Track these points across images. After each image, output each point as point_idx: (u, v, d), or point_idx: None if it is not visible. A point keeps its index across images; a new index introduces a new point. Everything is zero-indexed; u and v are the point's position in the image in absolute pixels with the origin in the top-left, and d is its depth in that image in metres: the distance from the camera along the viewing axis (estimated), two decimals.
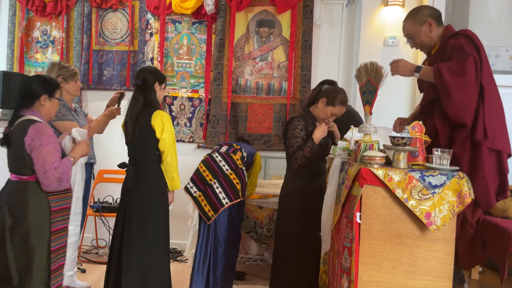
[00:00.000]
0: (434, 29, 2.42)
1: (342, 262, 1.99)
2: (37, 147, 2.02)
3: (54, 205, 2.12)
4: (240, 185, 2.88)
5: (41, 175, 2.03)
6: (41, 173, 2.03)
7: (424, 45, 2.49)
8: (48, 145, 2.03)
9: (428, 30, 2.43)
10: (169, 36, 4.19)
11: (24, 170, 2.06)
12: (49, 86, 2.17)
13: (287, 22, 4.01)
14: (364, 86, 2.16)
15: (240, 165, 2.94)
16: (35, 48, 4.37)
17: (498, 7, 3.63)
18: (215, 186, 2.88)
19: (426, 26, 2.42)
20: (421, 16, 2.43)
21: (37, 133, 2.03)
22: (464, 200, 1.85)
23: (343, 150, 2.33)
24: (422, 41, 2.47)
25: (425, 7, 2.52)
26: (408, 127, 2.12)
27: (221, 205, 2.85)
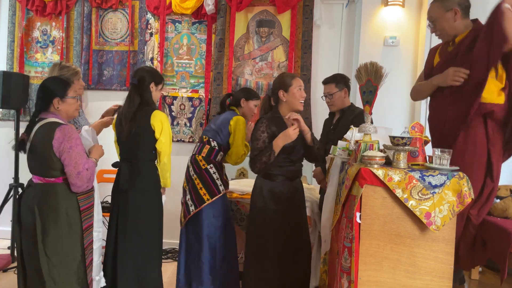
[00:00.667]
0: (459, 18, 2.32)
1: (342, 262, 1.99)
2: (67, 150, 2.04)
3: (82, 204, 2.18)
4: (205, 188, 2.76)
5: (74, 177, 2.06)
6: (74, 175, 2.05)
7: (443, 33, 2.39)
8: (77, 147, 2.07)
9: (452, 18, 2.32)
10: (169, 36, 4.19)
11: (53, 172, 2.07)
12: (58, 88, 2.15)
13: (287, 22, 4.01)
14: (364, 86, 2.16)
15: (204, 165, 2.80)
16: (35, 48, 4.37)
17: None
18: (187, 192, 2.86)
19: (451, 13, 2.32)
20: (449, 2, 2.33)
21: (65, 136, 2.04)
22: (464, 200, 1.85)
23: (343, 150, 2.33)
24: (444, 27, 2.36)
25: None
26: (408, 127, 2.12)
27: (188, 212, 2.81)
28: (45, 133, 2.05)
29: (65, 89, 2.16)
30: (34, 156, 2.09)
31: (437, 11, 2.38)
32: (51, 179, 2.08)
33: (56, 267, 2.05)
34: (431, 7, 2.43)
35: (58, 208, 2.07)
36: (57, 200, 2.08)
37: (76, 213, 2.13)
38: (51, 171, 2.07)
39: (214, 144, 2.86)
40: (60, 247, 2.07)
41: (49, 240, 2.05)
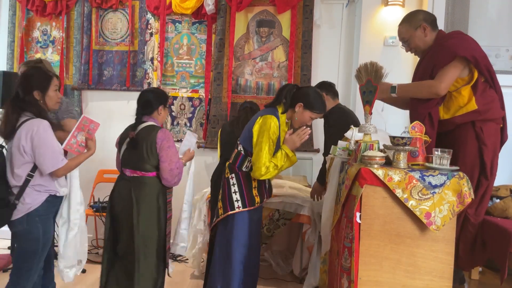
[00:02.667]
0: (429, 33, 2.45)
1: (342, 262, 1.99)
2: (165, 149, 2.34)
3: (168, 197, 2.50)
4: (222, 201, 2.41)
5: (167, 172, 2.35)
6: (167, 170, 2.35)
7: (418, 49, 2.52)
8: (173, 148, 2.38)
9: (422, 34, 2.45)
10: (169, 36, 4.19)
11: (149, 167, 2.37)
12: (163, 97, 2.53)
13: (287, 22, 4.01)
14: (364, 86, 2.16)
15: (227, 174, 2.43)
16: (35, 48, 4.37)
17: (498, 7, 3.63)
18: None
19: (421, 30, 2.44)
20: (416, 21, 2.45)
21: (165, 137, 2.37)
22: (464, 200, 1.86)
23: (343, 150, 2.33)
24: (417, 45, 2.49)
25: (419, 12, 2.54)
26: (408, 127, 2.12)
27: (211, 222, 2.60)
28: (147, 133, 2.37)
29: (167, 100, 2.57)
30: (133, 152, 2.39)
31: (407, 31, 2.49)
32: (147, 172, 2.38)
33: (148, 247, 2.36)
34: (400, 29, 2.54)
35: (154, 199, 2.39)
36: (153, 192, 2.39)
37: (164, 204, 2.44)
38: (148, 166, 2.37)
39: (240, 148, 2.42)
40: (152, 232, 2.38)
41: (144, 225, 2.35)
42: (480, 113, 2.33)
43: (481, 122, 2.33)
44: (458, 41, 2.37)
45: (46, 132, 2.13)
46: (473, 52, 2.30)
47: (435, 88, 2.30)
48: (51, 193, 2.22)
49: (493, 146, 2.36)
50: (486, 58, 2.35)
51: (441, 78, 2.30)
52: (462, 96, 2.35)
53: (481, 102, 2.33)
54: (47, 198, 2.21)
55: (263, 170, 2.26)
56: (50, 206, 2.26)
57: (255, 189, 2.39)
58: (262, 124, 2.29)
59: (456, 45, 2.33)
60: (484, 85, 2.37)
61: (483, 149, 2.33)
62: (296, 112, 2.35)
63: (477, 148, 2.33)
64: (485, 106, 2.33)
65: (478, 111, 2.32)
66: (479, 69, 2.32)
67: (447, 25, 3.64)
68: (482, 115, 2.33)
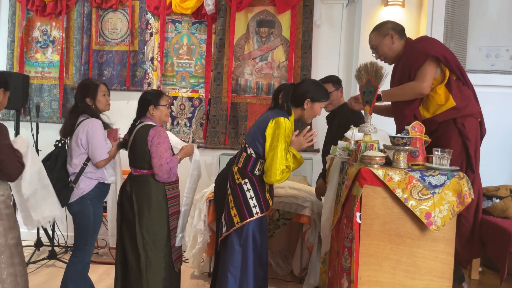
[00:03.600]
0: (396, 41, 2.57)
1: (342, 262, 1.99)
2: (156, 145, 2.46)
3: (169, 193, 2.57)
4: (236, 208, 2.31)
5: (157, 168, 2.46)
6: (157, 166, 2.46)
7: (387, 56, 2.62)
8: (164, 144, 2.49)
9: (390, 42, 2.57)
10: (169, 36, 4.19)
11: (146, 165, 2.50)
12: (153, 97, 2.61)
13: (287, 22, 4.01)
14: (364, 86, 2.16)
15: (239, 179, 2.34)
16: (35, 48, 4.37)
17: (498, 7, 3.63)
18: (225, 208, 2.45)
19: (388, 38, 2.57)
20: (384, 29, 2.59)
21: (156, 134, 2.48)
22: (464, 200, 1.86)
23: (343, 150, 2.33)
24: (385, 51, 2.60)
25: (388, 22, 2.66)
26: (408, 127, 2.12)
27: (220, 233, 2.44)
28: (142, 133, 2.51)
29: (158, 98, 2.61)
30: (133, 152, 2.55)
31: (375, 39, 2.62)
32: (145, 171, 2.52)
33: (148, 243, 2.48)
34: (370, 37, 2.66)
35: (150, 196, 2.50)
36: (149, 189, 2.50)
37: (163, 200, 2.53)
38: (145, 164, 2.50)
39: (250, 151, 2.34)
40: (152, 227, 2.49)
41: (144, 221, 2.48)
42: (459, 110, 2.42)
43: (462, 118, 2.43)
44: (427, 44, 2.50)
45: (97, 129, 2.53)
46: (443, 52, 2.43)
47: (418, 89, 2.40)
48: (100, 180, 2.59)
49: (475, 140, 2.44)
50: (455, 57, 2.48)
51: (422, 77, 2.40)
52: (438, 94, 2.45)
53: (458, 98, 2.43)
54: (97, 185, 2.57)
55: (279, 175, 2.23)
56: (99, 191, 2.60)
57: (267, 192, 2.36)
58: (275, 127, 2.24)
59: (426, 47, 2.46)
60: (457, 82, 2.46)
61: (467, 143, 2.41)
62: (306, 110, 2.34)
63: (461, 144, 2.41)
64: (462, 102, 2.43)
65: (457, 107, 2.42)
66: (450, 68, 2.43)
67: (447, 25, 3.64)
68: (461, 111, 2.42)
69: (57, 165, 2.55)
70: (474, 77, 2.74)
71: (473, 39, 3.63)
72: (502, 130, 3.47)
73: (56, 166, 2.55)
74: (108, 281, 3.34)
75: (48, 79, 4.34)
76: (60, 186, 2.50)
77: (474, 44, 3.62)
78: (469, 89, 2.50)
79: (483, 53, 3.63)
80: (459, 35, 3.63)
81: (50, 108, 4.34)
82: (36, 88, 4.35)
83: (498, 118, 3.41)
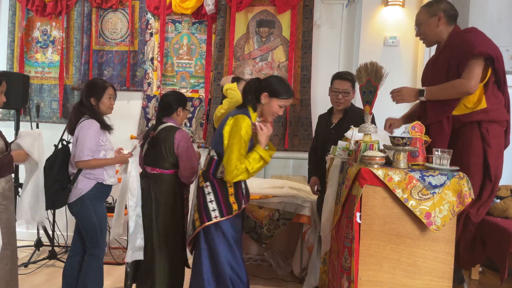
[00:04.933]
0: (442, 24, 2.40)
1: (342, 262, 1.99)
2: (185, 148, 2.57)
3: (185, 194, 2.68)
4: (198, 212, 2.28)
5: (187, 170, 2.58)
6: (188, 168, 2.58)
7: (426, 37, 2.48)
8: (191, 147, 2.64)
9: (435, 24, 2.40)
10: (169, 36, 4.19)
11: (167, 165, 2.60)
12: (182, 100, 2.72)
13: (287, 22, 4.01)
14: (364, 86, 2.16)
15: (201, 182, 2.30)
16: (35, 48, 4.37)
17: (498, 7, 3.63)
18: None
19: (435, 19, 2.39)
20: (434, 8, 2.41)
21: (183, 137, 2.59)
22: (464, 200, 1.86)
23: (343, 150, 2.33)
24: (426, 32, 2.45)
25: (443, 1, 2.43)
26: (408, 127, 2.12)
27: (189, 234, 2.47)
28: (166, 134, 2.58)
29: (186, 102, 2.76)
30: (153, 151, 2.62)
31: (422, 16, 2.46)
32: (165, 170, 2.61)
33: (163, 239, 2.57)
34: (418, 12, 2.51)
35: (168, 194, 2.60)
36: (168, 187, 2.60)
37: (180, 200, 2.65)
38: (166, 164, 2.59)
39: (213, 153, 2.31)
40: (168, 226, 2.59)
41: (160, 219, 2.58)
42: (488, 113, 2.30)
43: (487, 123, 2.32)
44: (478, 37, 2.30)
45: (88, 129, 2.53)
46: (495, 51, 2.26)
47: (465, 88, 2.24)
48: (98, 180, 2.59)
49: (497, 148, 2.35)
50: (502, 59, 2.31)
51: (469, 75, 2.23)
52: (473, 94, 2.30)
53: (490, 101, 2.31)
54: (95, 185, 2.58)
55: (235, 172, 2.15)
56: (98, 191, 2.61)
57: (232, 196, 2.25)
58: (233, 125, 2.17)
59: (478, 41, 2.26)
60: (494, 85, 2.34)
61: (487, 150, 2.31)
62: (264, 104, 2.23)
63: (481, 149, 2.32)
64: (493, 106, 2.31)
65: (486, 110, 2.30)
66: (495, 69, 2.28)
67: None
68: (489, 115, 2.31)
69: (55, 165, 2.56)
70: None
71: None
72: None
73: (54, 167, 2.56)
74: (108, 281, 3.34)
75: (48, 79, 4.34)
76: (57, 187, 2.53)
77: None
78: (502, 95, 2.37)
79: None
80: None
81: (50, 108, 4.34)
82: (36, 88, 4.35)
83: None
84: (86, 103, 2.63)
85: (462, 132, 2.36)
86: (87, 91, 2.64)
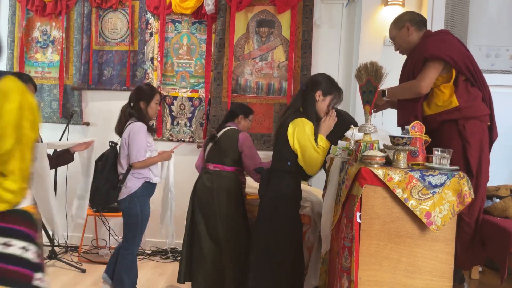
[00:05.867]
0: (413, 32, 2.53)
1: (342, 262, 1.99)
2: (248, 147, 2.84)
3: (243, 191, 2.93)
4: None
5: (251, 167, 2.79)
6: (251, 166, 2.80)
7: (402, 48, 2.62)
8: (254, 148, 2.89)
9: (406, 34, 2.54)
10: (169, 36, 4.19)
11: (229, 162, 2.85)
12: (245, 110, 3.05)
13: (287, 22, 4.01)
14: (364, 86, 2.16)
15: None
16: (35, 48, 4.37)
17: (497, 7, 3.63)
18: None
19: (404, 30, 2.54)
20: (400, 21, 2.57)
21: (246, 138, 2.86)
22: (464, 199, 1.85)
23: (343, 149, 2.33)
24: (400, 44, 2.60)
25: (406, 13, 2.62)
26: (408, 126, 2.12)
27: None
28: (231, 135, 2.87)
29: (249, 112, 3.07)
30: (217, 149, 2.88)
31: (393, 31, 2.62)
32: (226, 167, 2.85)
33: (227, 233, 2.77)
34: (389, 28, 2.66)
35: (230, 190, 2.83)
36: (229, 183, 2.83)
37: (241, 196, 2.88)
38: (228, 160, 2.83)
39: None
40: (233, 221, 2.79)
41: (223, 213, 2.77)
42: (461, 111, 2.37)
43: (464, 120, 2.37)
44: (435, 42, 2.42)
45: (140, 132, 2.74)
46: (449, 53, 2.35)
47: (415, 88, 2.38)
48: (146, 179, 2.81)
49: (478, 144, 2.38)
50: (467, 57, 2.39)
51: (421, 77, 2.37)
52: (443, 93, 2.40)
53: (463, 99, 2.37)
54: (143, 184, 2.80)
55: None
56: (145, 190, 2.83)
57: None
58: None
59: (432, 45, 2.39)
60: (466, 83, 2.40)
61: (466, 147, 2.35)
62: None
63: (460, 146, 2.36)
64: (466, 103, 2.37)
65: (459, 108, 2.36)
66: (458, 69, 2.37)
67: (446, 25, 3.64)
68: (463, 112, 2.37)
69: (106, 166, 2.78)
70: None
71: (473, 39, 3.63)
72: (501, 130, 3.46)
73: (105, 168, 2.78)
74: None
75: (48, 79, 4.34)
76: (108, 186, 2.75)
77: (474, 43, 3.62)
78: (479, 90, 2.42)
79: (483, 52, 3.63)
80: (459, 34, 3.63)
81: (50, 108, 4.34)
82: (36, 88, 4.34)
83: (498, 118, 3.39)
84: (135, 106, 2.83)
85: (441, 131, 2.42)
86: (138, 95, 2.85)
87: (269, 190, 2.48)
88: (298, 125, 2.35)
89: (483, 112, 2.41)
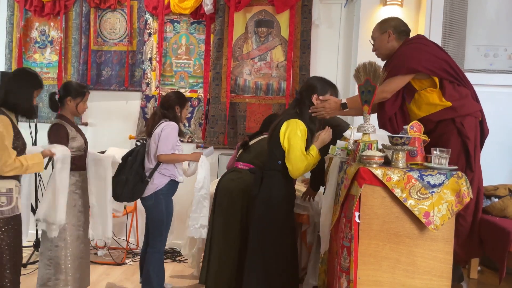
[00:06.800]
0: (392, 40, 2.56)
1: (341, 262, 1.99)
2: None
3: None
4: None
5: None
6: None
7: (378, 52, 2.65)
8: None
9: (386, 40, 2.57)
10: (167, 36, 4.19)
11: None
12: None
13: (285, 22, 4.01)
14: (363, 86, 2.16)
15: None
16: (34, 48, 4.37)
17: (496, 7, 3.64)
18: None
19: (386, 35, 2.57)
20: (385, 25, 2.60)
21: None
22: (463, 199, 1.86)
23: (342, 149, 2.33)
24: (378, 47, 2.63)
25: (394, 19, 2.65)
26: (407, 126, 2.12)
27: None
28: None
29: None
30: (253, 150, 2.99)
31: (376, 32, 2.65)
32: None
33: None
34: (373, 28, 2.69)
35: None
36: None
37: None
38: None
39: None
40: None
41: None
42: (456, 110, 2.40)
43: (460, 118, 2.41)
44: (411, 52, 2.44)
45: (173, 129, 2.87)
46: (423, 63, 2.39)
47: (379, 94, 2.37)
48: (172, 178, 2.89)
49: (474, 139, 2.43)
50: (444, 61, 2.41)
51: (385, 83, 2.38)
52: (430, 94, 2.43)
53: (454, 98, 2.40)
54: (169, 182, 2.88)
55: None
56: (170, 188, 2.90)
57: None
58: None
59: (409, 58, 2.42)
60: (452, 84, 2.43)
61: (467, 142, 2.39)
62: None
63: (460, 143, 2.40)
64: (458, 102, 2.40)
65: (453, 107, 2.39)
66: (437, 76, 2.40)
67: (445, 25, 3.64)
68: (458, 111, 2.40)
69: (137, 161, 2.85)
70: (472, 76, 2.73)
71: (472, 39, 3.63)
72: (500, 130, 3.47)
73: (136, 162, 2.84)
74: (108, 281, 3.34)
75: (47, 80, 4.34)
76: (137, 179, 2.81)
77: (472, 43, 3.63)
78: (466, 88, 2.47)
79: (482, 52, 3.63)
80: (458, 34, 3.63)
81: (49, 108, 4.33)
82: None
83: (497, 118, 3.40)
84: (171, 110, 2.95)
85: (439, 131, 2.44)
86: (176, 100, 2.98)
87: (261, 190, 2.50)
88: (291, 125, 2.39)
89: (475, 108, 2.46)
